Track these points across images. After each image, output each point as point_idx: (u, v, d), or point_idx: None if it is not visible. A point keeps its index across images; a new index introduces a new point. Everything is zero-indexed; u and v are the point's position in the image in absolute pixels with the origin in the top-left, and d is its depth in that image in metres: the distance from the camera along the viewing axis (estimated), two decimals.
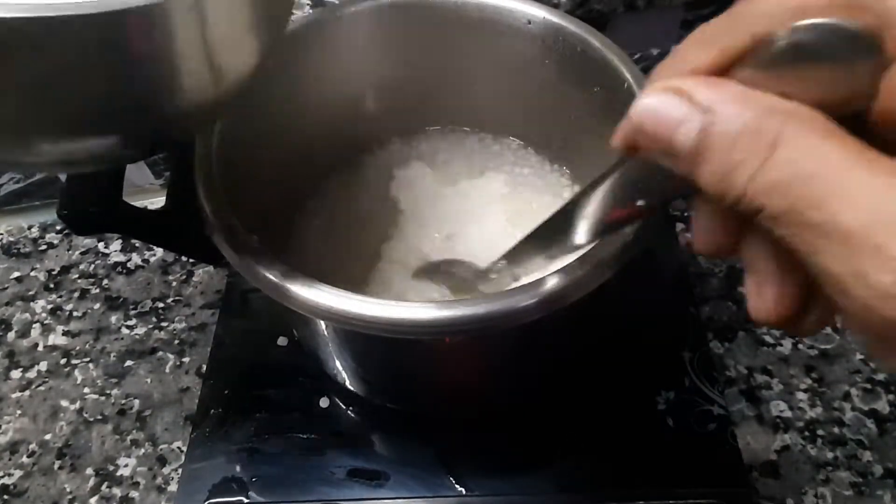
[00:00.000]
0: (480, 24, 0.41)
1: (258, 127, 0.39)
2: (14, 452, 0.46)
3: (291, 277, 0.28)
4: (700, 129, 0.16)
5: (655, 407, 0.43)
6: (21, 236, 0.60)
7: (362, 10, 0.41)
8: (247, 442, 0.43)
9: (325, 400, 0.45)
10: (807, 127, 0.15)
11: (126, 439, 0.46)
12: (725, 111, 0.15)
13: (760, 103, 0.15)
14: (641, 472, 0.41)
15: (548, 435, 0.43)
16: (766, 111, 0.15)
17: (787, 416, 0.44)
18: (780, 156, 0.15)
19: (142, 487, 0.44)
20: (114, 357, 0.51)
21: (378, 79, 0.45)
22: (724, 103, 0.15)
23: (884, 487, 0.41)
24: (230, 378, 0.46)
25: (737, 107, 0.15)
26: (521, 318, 0.28)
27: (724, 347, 0.48)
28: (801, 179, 0.14)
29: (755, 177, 0.15)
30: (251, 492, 0.41)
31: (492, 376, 0.41)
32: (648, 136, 0.17)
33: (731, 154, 0.15)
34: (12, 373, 0.51)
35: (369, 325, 0.27)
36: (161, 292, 0.54)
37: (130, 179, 0.53)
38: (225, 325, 0.49)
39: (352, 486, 0.41)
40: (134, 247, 0.58)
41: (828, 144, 0.14)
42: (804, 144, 0.14)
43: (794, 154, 0.14)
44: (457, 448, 0.42)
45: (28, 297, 0.55)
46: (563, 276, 0.28)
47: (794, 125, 0.15)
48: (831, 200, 0.14)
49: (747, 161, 0.15)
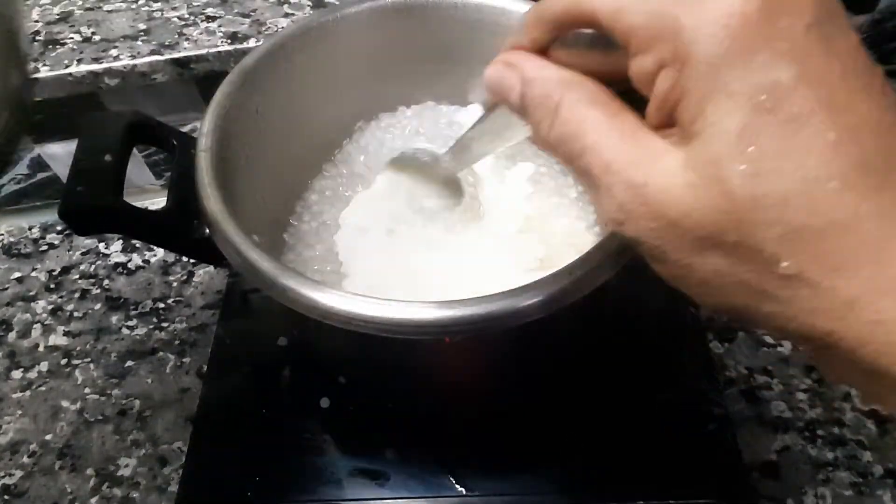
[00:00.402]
0: (480, 24, 0.41)
1: (258, 126, 0.39)
2: (15, 453, 0.46)
3: (291, 277, 0.29)
4: (520, 93, 0.22)
5: (655, 407, 0.43)
6: (22, 237, 0.60)
7: (362, 11, 0.41)
8: (247, 442, 0.43)
9: (326, 400, 0.45)
10: (578, 94, 0.20)
11: (126, 440, 0.46)
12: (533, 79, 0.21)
13: (554, 74, 0.21)
14: (641, 472, 0.41)
15: (548, 435, 0.43)
16: (556, 82, 0.21)
17: (787, 416, 0.44)
18: (559, 117, 0.20)
19: (142, 488, 0.44)
20: (114, 357, 0.51)
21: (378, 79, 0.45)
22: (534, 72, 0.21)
23: (884, 487, 0.41)
24: (230, 378, 0.46)
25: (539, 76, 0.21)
26: (521, 318, 0.28)
27: (724, 347, 0.48)
28: (570, 136, 0.20)
29: (549, 132, 0.21)
30: (251, 492, 0.41)
31: (492, 376, 0.41)
32: (496, 95, 0.23)
33: (537, 112, 0.21)
34: (13, 373, 0.51)
35: (369, 325, 0.27)
36: (162, 293, 0.54)
37: (131, 179, 0.53)
38: (225, 325, 0.49)
39: (352, 486, 0.41)
40: (134, 247, 0.58)
41: (588, 110, 0.20)
42: (573, 109, 0.20)
43: (567, 116, 0.20)
44: (457, 448, 0.42)
45: (29, 297, 0.55)
46: (563, 276, 0.28)
47: (571, 94, 0.20)
48: (585, 153, 0.19)
49: (544, 119, 0.21)
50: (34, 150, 0.58)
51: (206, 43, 0.52)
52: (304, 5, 0.55)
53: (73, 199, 0.31)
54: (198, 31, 0.53)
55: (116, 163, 0.33)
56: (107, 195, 0.32)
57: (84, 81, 0.52)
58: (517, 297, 0.27)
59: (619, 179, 0.19)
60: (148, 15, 0.56)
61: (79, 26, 0.55)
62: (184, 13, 0.55)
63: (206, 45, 0.52)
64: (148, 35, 0.53)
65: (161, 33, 0.53)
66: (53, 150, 0.58)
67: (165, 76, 0.52)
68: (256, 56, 0.38)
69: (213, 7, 0.56)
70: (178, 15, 0.55)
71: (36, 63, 0.52)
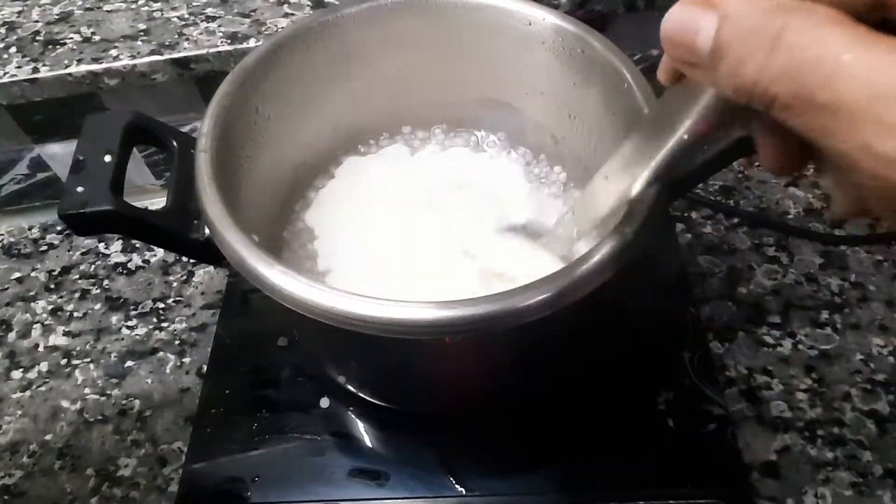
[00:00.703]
0: (480, 24, 0.41)
1: (258, 126, 0.39)
2: (15, 453, 0.46)
3: (291, 277, 0.29)
4: (715, 29, 0.17)
5: (655, 407, 0.43)
6: (22, 237, 0.60)
7: (362, 11, 0.41)
8: (247, 442, 0.43)
9: (326, 400, 0.45)
10: (811, 17, 0.16)
11: (126, 440, 0.46)
12: (736, 11, 0.17)
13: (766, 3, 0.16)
14: (641, 472, 0.41)
15: (548, 435, 0.43)
16: (773, 7, 0.16)
17: (787, 416, 0.44)
18: (785, 43, 0.16)
19: (142, 488, 0.44)
20: (114, 357, 0.51)
21: (378, 79, 0.45)
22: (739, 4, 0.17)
23: (884, 487, 0.41)
24: (230, 378, 0.47)
25: (746, 6, 0.17)
26: (521, 318, 0.28)
27: (724, 347, 0.48)
28: (806, 63, 0.15)
29: (765, 66, 0.16)
30: (251, 492, 0.41)
31: (491, 376, 0.41)
32: (677, 47, 0.18)
33: (742, 48, 0.16)
34: (13, 373, 0.51)
35: (369, 325, 0.27)
36: (162, 293, 0.54)
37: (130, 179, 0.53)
38: (225, 325, 0.49)
39: (352, 486, 0.41)
40: (134, 247, 0.58)
41: (829, 30, 0.15)
42: (808, 32, 0.16)
43: (799, 41, 0.15)
44: (457, 448, 0.42)
45: (29, 297, 0.55)
46: (563, 276, 0.28)
47: (800, 16, 0.16)
48: (835, 79, 0.15)
49: (756, 53, 0.16)
50: (34, 150, 0.58)
51: (206, 43, 0.52)
52: (304, 5, 0.55)
53: (73, 200, 0.31)
54: (198, 31, 0.53)
55: (116, 163, 0.33)
56: (107, 195, 0.32)
57: (84, 81, 0.52)
58: (517, 297, 0.27)
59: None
60: (148, 15, 0.56)
61: (79, 26, 0.55)
62: (184, 13, 0.55)
63: (205, 45, 0.52)
64: (148, 35, 0.53)
65: (161, 33, 0.53)
66: (53, 150, 0.58)
67: (165, 76, 0.52)
68: (256, 56, 0.38)
69: (213, 7, 0.56)
70: (177, 15, 0.55)
71: (36, 63, 0.52)
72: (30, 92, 0.52)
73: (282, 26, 0.53)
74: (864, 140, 0.14)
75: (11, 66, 0.52)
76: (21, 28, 0.56)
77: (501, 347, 0.37)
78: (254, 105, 0.38)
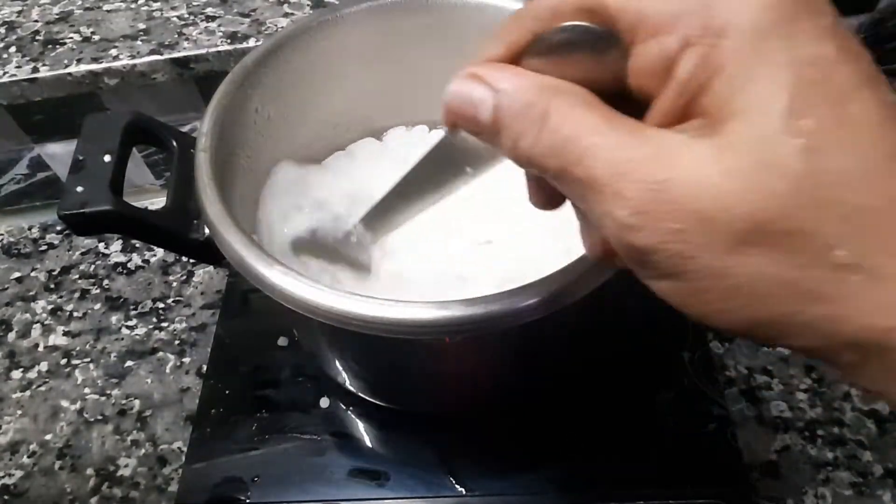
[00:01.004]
0: (480, 25, 0.41)
1: (258, 126, 0.39)
2: (14, 453, 0.46)
3: (291, 277, 0.28)
4: (493, 105, 0.19)
5: (655, 407, 0.43)
6: (21, 237, 0.60)
7: (362, 11, 0.41)
8: (247, 442, 0.43)
9: (326, 400, 0.45)
10: (569, 100, 0.18)
11: (126, 439, 0.46)
12: (509, 89, 0.19)
13: (534, 82, 0.19)
14: (641, 472, 0.41)
15: (548, 435, 0.43)
16: (539, 88, 0.18)
17: (787, 416, 0.44)
18: (550, 123, 0.18)
19: (142, 488, 0.44)
20: (114, 357, 0.51)
21: (378, 79, 0.45)
22: (508, 82, 0.19)
23: (884, 487, 0.41)
24: (230, 378, 0.47)
25: (517, 85, 0.19)
26: (520, 318, 0.28)
27: (724, 347, 0.48)
28: (565, 143, 0.17)
29: (535, 143, 0.18)
30: (251, 492, 0.41)
31: (491, 376, 0.41)
32: (459, 116, 0.20)
33: (516, 125, 0.18)
34: (13, 373, 0.51)
35: (369, 325, 0.27)
36: (161, 292, 0.54)
37: (130, 179, 0.53)
38: (225, 325, 0.49)
39: (352, 486, 0.41)
40: (134, 247, 0.58)
41: (582, 112, 0.18)
42: (567, 113, 0.18)
43: (559, 121, 0.18)
44: (457, 448, 0.42)
45: (28, 297, 0.55)
46: (563, 276, 0.28)
47: (560, 99, 0.18)
48: (586, 158, 0.17)
49: (527, 130, 0.18)
50: (34, 150, 0.58)
51: (206, 43, 0.52)
52: (304, 5, 0.55)
53: (73, 200, 0.31)
54: (197, 31, 0.53)
55: (116, 163, 0.33)
56: (106, 195, 0.32)
57: (84, 81, 0.52)
58: (517, 297, 0.27)
59: (633, 178, 0.16)
60: (147, 15, 0.56)
61: (78, 26, 0.55)
62: (183, 13, 0.55)
63: (205, 45, 0.52)
64: (147, 35, 0.53)
65: (161, 33, 0.53)
66: (53, 150, 0.58)
67: (165, 76, 0.52)
68: (256, 56, 0.38)
69: (213, 7, 0.56)
70: (177, 15, 0.55)
71: (36, 63, 0.52)
72: (29, 92, 0.52)
73: (282, 26, 0.53)
74: (608, 208, 0.17)
75: (11, 66, 0.52)
76: (21, 28, 0.56)
77: (501, 347, 0.37)
78: (254, 105, 0.38)
